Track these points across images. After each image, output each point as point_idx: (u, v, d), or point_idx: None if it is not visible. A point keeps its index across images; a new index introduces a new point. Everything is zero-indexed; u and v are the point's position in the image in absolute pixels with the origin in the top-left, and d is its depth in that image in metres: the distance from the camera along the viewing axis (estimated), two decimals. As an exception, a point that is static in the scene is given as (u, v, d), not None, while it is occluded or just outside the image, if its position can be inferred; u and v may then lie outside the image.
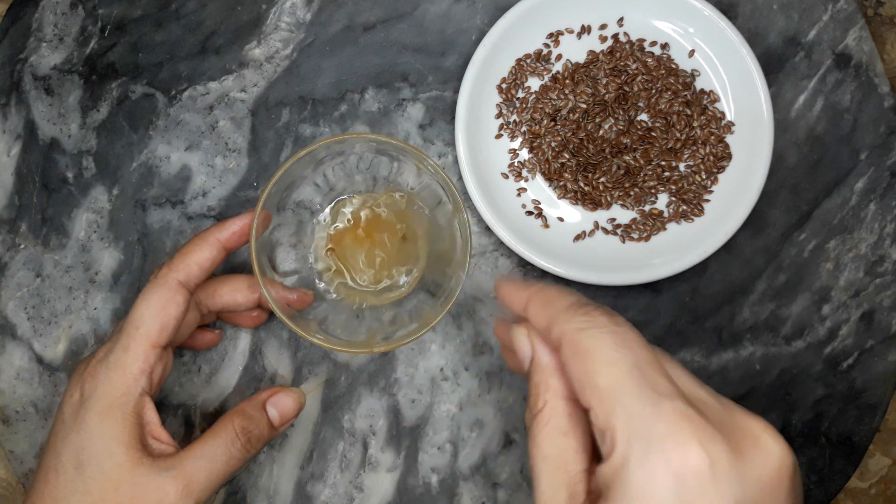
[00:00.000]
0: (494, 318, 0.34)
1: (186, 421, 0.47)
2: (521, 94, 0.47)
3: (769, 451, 0.25)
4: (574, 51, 0.48)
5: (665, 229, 0.47)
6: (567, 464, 0.27)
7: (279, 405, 0.40)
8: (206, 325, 0.47)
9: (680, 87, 0.47)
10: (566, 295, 0.30)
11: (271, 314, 0.46)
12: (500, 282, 0.33)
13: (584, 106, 0.47)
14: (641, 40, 0.47)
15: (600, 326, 0.27)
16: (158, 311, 0.37)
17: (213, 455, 0.36)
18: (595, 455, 0.28)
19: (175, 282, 0.37)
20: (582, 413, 0.28)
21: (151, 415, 0.36)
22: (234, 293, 0.42)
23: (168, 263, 0.38)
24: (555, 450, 0.27)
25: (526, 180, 0.48)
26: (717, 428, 0.24)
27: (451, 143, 0.48)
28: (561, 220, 0.47)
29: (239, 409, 0.38)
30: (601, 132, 0.47)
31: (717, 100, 0.47)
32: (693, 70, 0.47)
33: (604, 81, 0.47)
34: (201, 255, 0.38)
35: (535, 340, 0.30)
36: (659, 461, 0.24)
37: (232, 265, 0.47)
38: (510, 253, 0.47)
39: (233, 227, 0.39)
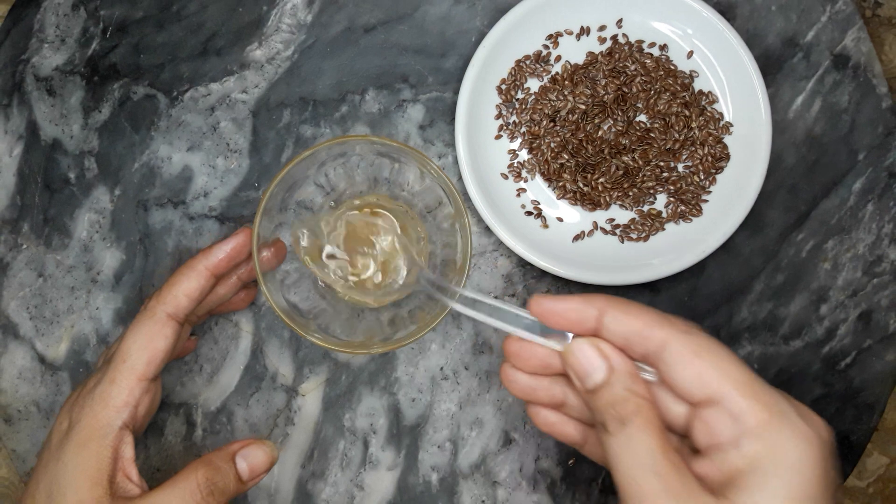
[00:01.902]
0: (508, 337, 0.34)
1: (188, 420, 0.47)
2: (520, 95, 0.48)
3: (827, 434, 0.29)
4: (573, 52, 0.48)
5: (664, 229, 0.47)
6: (674, 456, 0.28)
7: (250, 458, 0.37)
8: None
9: (678, 88, 0.47)
10: (642, 305, 0.31)
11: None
12: (541, 300, 0.32)
13: (583, 107, 0.47)
14: (640, 41, 0.48)
15: (694, 329, 0.30)
16: (146, 344, 0.37)
17: None
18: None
19: (163, 314, 0.37)
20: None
21: (128, 450, 0.36)
22: (215, 290, 0.42)
23: (157, 295, 0.38)
24: (661, 443, 0.28)
25: (525, 181, 0.48)
26: None
27: (451, 144, 0.48)
28: (560, 220, 0.48)
29: (206, 460, 0.36)
30: (600, 133, 0.47)
31: (715, 101, 0.47)
32: (692, 71, 0.47)
33: (603, 82, 0.47)
34: (189, 286, 0.38)
35: (611, 350, 0.31)
36: (803, 430, 0.27)
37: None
38: (510, 253, 0.48)
39: (219, 255, 0.39)
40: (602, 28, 0.48)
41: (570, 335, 0.32)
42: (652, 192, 0.47)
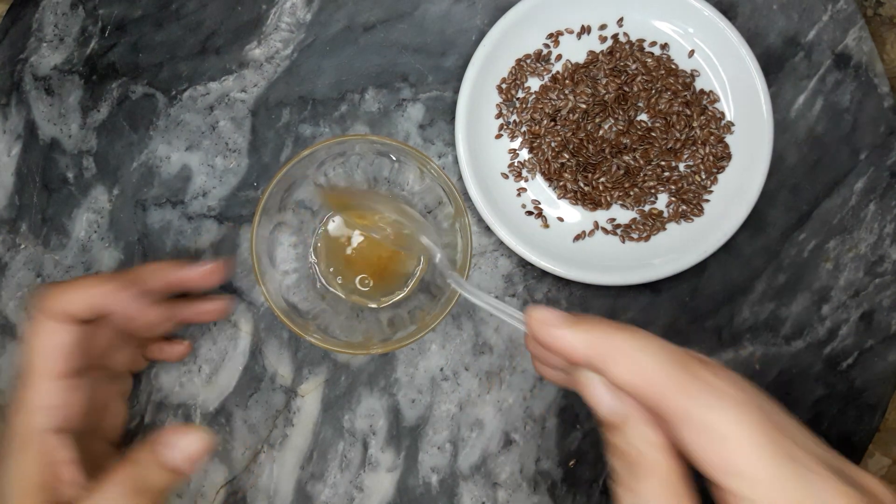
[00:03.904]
0: (526, 339, 0.33)
1: (186, 421, 0.47)
2: (521, 95, 0.48)
3: None
4: (574, 51, 0.48)
5: (665, 229, 0.47)
6: None
7: (178, 446, 0.34)
8: (175, 335, 0.47)
9: (680, 87, 0.47)
10: (654, 345, 0.27)
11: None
12: (536, 314, 0.29)
13: (583, 106, 0.47)
14: (641, 40, 0.47)
15: (723, 397, 0.26)
16: (45, 341, 0.35)
17: None
18: None
19: (50, 311, 0.36)
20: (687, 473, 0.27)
21: (63, 453, 0.34)
22: (144, 313, 0.40)
23: (47, 292, 0.37)
24: None
25: (526, 180, 0.48)
26: (857, 491, 0.25)
27: (451, 144, 0.48)
28: (561, 220, 0.47)
29: (131, 459, 0.34)
30: (601, 132, 0.47)
31: (716, 100, 0.47)
32: (693, 70, 0.47)
33: (603, 82, 0.47)
34: (90, 285, 0.37)
35: (623, 398, 0.28)
36: None
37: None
38: (510, 253, 0.47)
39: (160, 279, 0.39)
40: (603, 27, 0.47)
41: None
42: (653, 191, 0.47)
